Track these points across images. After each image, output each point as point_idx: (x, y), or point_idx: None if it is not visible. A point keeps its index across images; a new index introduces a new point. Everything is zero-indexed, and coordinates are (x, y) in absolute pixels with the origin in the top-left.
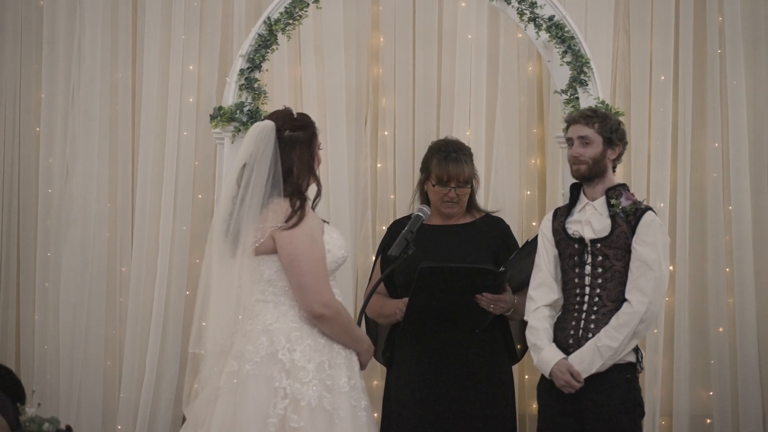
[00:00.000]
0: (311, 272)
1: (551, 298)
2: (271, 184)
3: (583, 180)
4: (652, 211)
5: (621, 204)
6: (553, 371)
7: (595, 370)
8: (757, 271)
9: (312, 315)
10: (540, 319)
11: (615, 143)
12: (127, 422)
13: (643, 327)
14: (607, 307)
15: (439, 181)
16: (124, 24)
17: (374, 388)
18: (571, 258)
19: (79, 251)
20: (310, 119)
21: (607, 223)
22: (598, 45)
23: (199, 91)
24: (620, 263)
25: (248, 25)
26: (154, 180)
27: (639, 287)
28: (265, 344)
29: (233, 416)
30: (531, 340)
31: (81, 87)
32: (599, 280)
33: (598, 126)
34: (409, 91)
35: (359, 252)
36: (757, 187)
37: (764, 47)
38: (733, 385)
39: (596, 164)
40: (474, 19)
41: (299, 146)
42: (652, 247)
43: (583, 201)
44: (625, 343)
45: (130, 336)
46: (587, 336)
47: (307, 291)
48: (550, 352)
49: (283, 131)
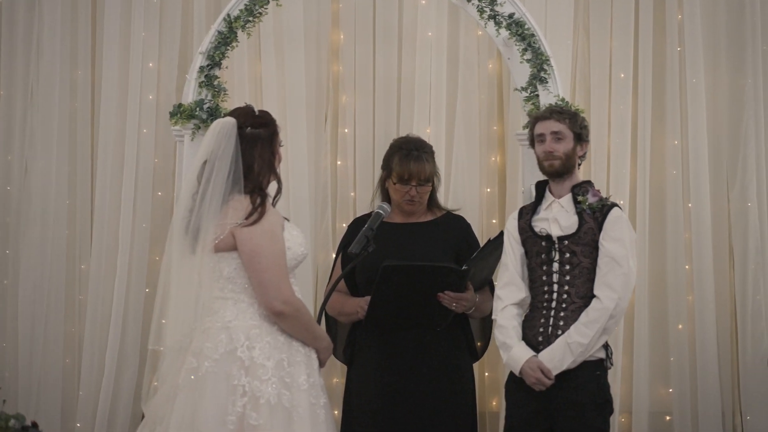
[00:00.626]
0: (271, 269)
1: (519, 297)
2: (232, 180)
3: (556, 176)
4: (619, 207)
5: (588, 200)
6: (524, 369)
7: (566, 367)
8: (717, 269)
9: (272, 312)
10: (508, 317)
11: (584, 139)
12: (86, 420)
13: (613, 323)
14: (575, 303)
15: (400, 179)
16: (84, 21)
17: (334, 385)
18: (538, 256)
19: (38, 248)
20: (272, 117)
21: (574, 219)
22: (558, 42)
23: (158, 88)
24: (588, 260)
25: (208, 22)
26: (113, 177)
27: (608, 283)
28: (224, 341)
29: (192, 413)
30: (500, 339)
31: (40, 84)
32: (567, 277)
33: (569, 122)
34: (369, 88)
35: (319, 249)
36: (716, 184)
37: (723, 44)
38: (692, 382)
39: (568, 160)
40: (434, 16)
41: (260, 143)
42: (619, 243)
43: (549, 198)
44: (595, 339)
45: (90, 333)
46: (556, 333)
47: (267, 288)
48: (519, 350)
49: (245, 128)
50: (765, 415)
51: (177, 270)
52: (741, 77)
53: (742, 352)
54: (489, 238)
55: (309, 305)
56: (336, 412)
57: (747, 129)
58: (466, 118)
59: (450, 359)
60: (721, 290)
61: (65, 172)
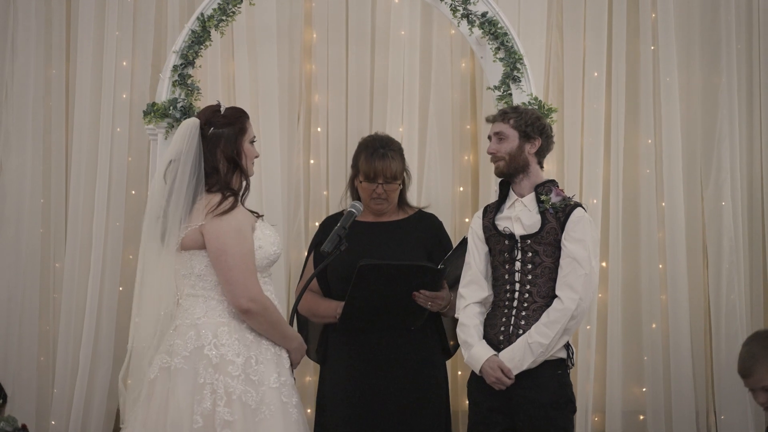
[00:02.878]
0: (238, 267)
1: (481, 296)
2: (196, 181)
3: (505, 176)
4: (582, 207)
5: (551, 200)
6: (484, 368)
7: (526, 367)
8: (690, 268)
9: (239, 309)
10: (470, 316)
11: (532, 137)
12: (60, 417)
13: (574, 323)
14: (537, 303)
15: (366, 177)
16: (58, 20)
17: (306, 384)
18: (501, 254)
19: (13, 247)
20: (240, 113)
21: (537, 219)
22: (531, 41)
23: (132, 87)
24: (550, 259)
25: (182, 21)
26: (87, 176)
27: (569, 284)
28: (193, 339)
29: (165, 409)
30: (461, 337)
31: (14, 82)
32: (529, 276)
33: (513, 121)
34: (342, 87)
35: (292, 248)
36: (690, 183)
37: (697, 43)
38: (666, 381)
39: (514, 159)
40: (407, 15)
41: (223, 142)
42: (581, 244)
43: (512, 197)
44: (555, 339)
45: (64, 331)
46: (518, 332)
47: (234, 285)
48: (480, 349)
49: (207, 128)
50: (739, 414)
51: (149, 268)
52: (715, 76)
53: (716, 351)
54: (464, 237)
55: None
56: (309, 410)
57: (721, 128)
58: (439, 117)
59: (423, 357)
60: (695, 289)
61: (39, 171)
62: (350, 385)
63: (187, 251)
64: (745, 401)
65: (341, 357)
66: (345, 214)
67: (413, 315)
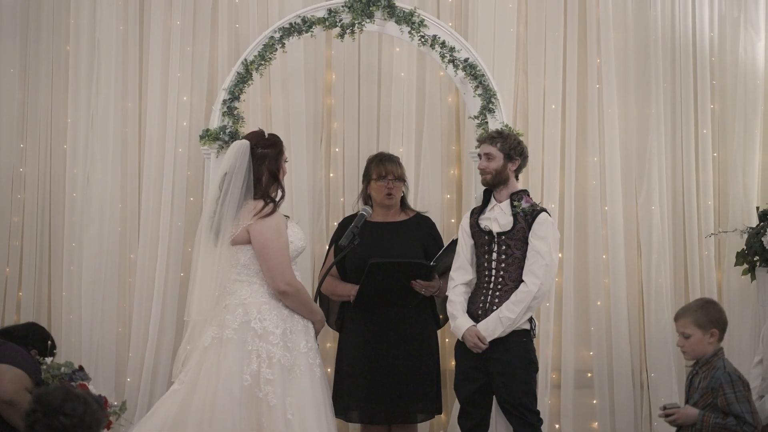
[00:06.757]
0: (277, 258)
1: (467, 278)
2: (245, 189)
3: (489, 186)
4: (546, 212)
5: (522, 206)
6: (465, 335)
7: (497, 336)
8: (627, 258)
9: (277, 291)
10: (457, 294)
11: (514, 158)
12: (134, 375)
13: (536, 302)
14: (508, 286)
15: (378, 176)
16: (132, 63)
17: (327, 349)
18: (482, 247)
19: (97, 242)
20: (278, 138)
21: (510, 220)
22: (502, 81)
23: (191, 116)
24: (519, 252)
25: (229, 65)
26: (155, 186)
27: (533, 271)
28: (241, 315)
29: (217, 370)
30: (449, 311)
31: (98, 113)
32: (503, 264)
33: (500, 145)
34: (355, 116)
35: (316, 242)
36: (627, 192)
37: (632, 82)
38: (608, 346)
39: (498, 174)
40: (406, 60)
41: (268, 160)
42: (543, 241)
43: (492, 202)
44: (521, 315)
45: (137, 308)
46: (493, 308)
47: (274, 273)
48: (463, 321)
49: (256, 148)
50: (665, 373)
51: (203, 259)
52: (646, 108)
53: (647, 323)
54: (453, 239)
55: (308, 286)
56: (329, 370)
57: (651, 149)
58: (431, 140)
59: (419, 328)
60: (631, 274)
61: (118, 182)
62: (362, 347)
63: (236, 246)
64: (671, 362)
65: (355, 327)
66: (358, 215)
67: (411, 297)
